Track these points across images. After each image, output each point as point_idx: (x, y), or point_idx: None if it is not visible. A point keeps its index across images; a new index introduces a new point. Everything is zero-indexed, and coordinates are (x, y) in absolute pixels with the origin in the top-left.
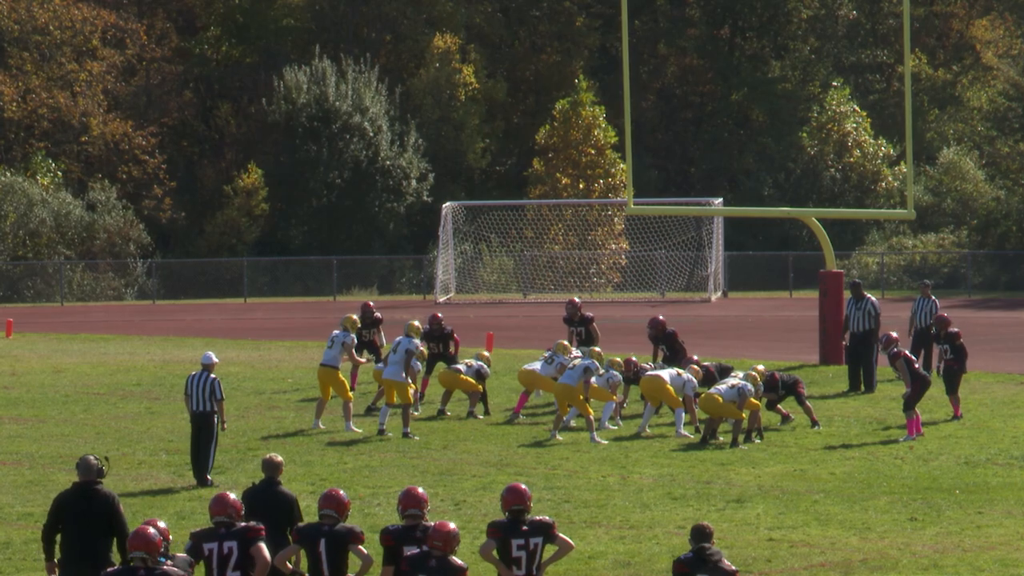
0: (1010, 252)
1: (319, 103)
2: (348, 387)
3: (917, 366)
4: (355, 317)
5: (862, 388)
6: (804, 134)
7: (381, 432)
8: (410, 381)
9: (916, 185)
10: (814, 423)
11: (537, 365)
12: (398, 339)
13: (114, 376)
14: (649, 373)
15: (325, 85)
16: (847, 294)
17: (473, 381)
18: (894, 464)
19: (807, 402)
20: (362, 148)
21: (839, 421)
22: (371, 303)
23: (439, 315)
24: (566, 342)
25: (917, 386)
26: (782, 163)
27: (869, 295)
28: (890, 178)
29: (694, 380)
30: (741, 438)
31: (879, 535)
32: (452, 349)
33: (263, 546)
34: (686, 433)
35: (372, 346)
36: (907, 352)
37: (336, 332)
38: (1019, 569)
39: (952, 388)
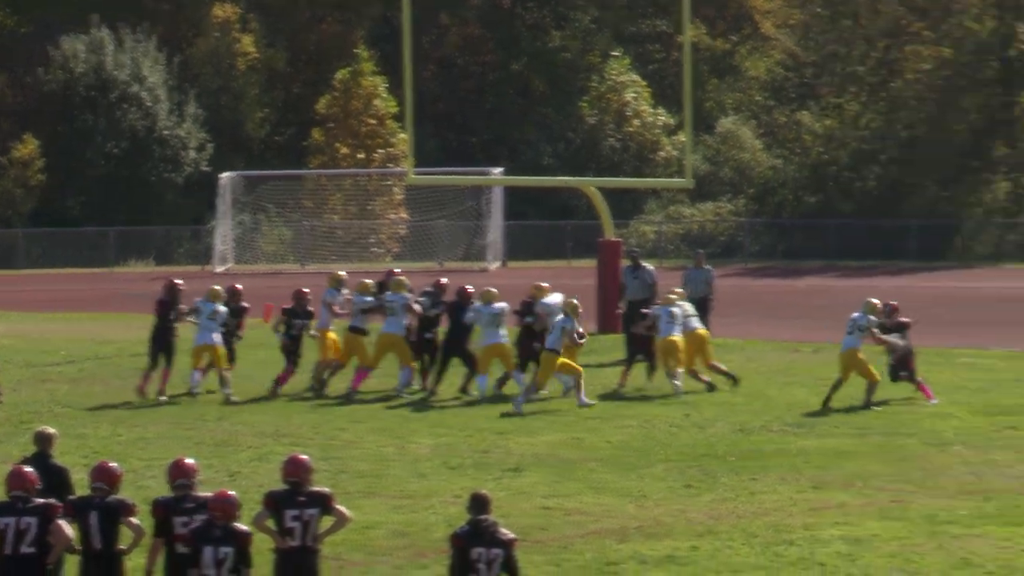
0: (786, 220)
1: (96, 72)
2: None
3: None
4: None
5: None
6: (584, 104)
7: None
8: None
9: (694, 154)
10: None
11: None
12: (206, 303)
13: None
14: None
15: (103, 54)
16: (626, 262)
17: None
18: (670, 432)
19: None
20: (140, 118)
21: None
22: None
23: (238, 286)
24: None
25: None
26: (562, 133)
27: (646, 264)
28: (669, 147)
29: None
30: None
31: (655, 502)
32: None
33: (63, 523)
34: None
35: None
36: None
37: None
38: (792, 534)
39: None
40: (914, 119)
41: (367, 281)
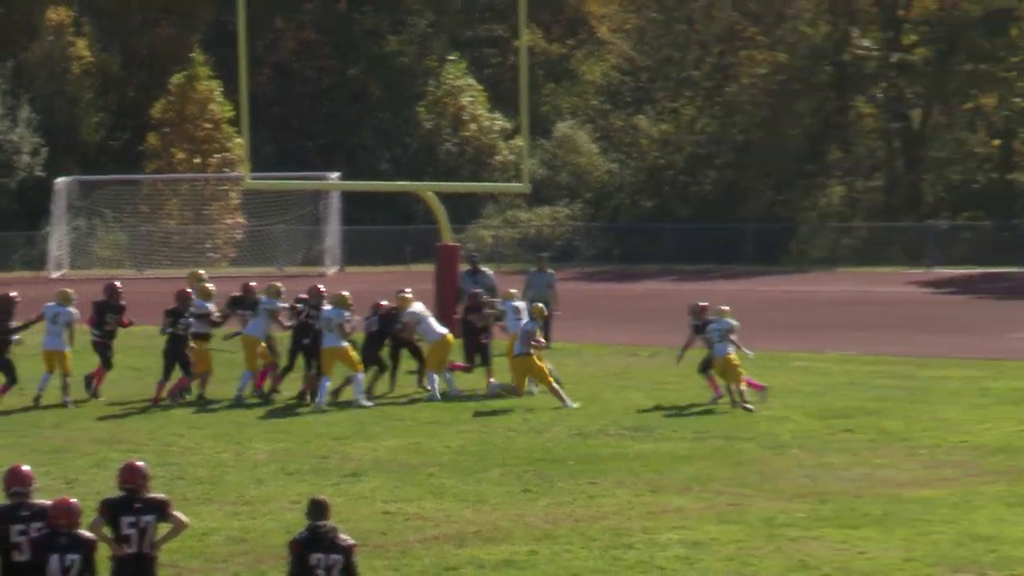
0: (623, 225)
1: None
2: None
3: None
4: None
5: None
6: (421, 108)
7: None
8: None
9: (531, 159)
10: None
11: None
12: (54, 308)
13: None
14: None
15: None
16: (465, 267)
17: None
18: (507, 436)
19: None
20: None
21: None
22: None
23: (116, 283)
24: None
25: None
26: (399, 137)
27: (485, 268)
28: (506, 151)
29: None
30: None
31: (492, 507)
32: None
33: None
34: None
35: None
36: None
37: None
38: (630, 537)
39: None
40: (749, 123)
41: (209, 286)
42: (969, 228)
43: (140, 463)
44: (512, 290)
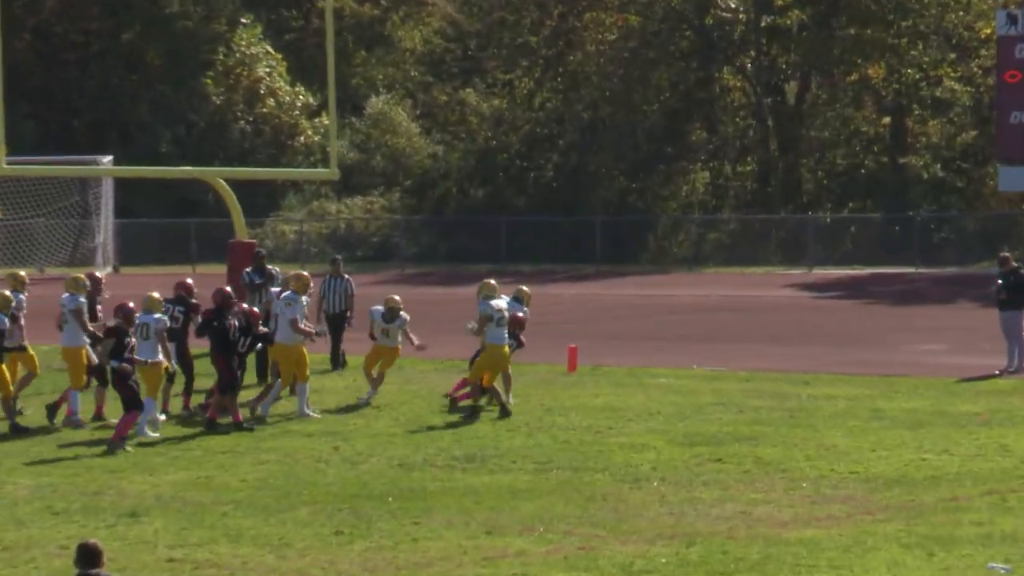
0: (450, 218)
1: None
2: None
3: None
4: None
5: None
6: (209, 80)
7: None
8: None
9: (340, 140)
10: None
11: None
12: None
13: None
14: None
15: None
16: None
17: None
18: (316, 468)
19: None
20: None
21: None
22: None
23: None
24: None
25: None
26: (183, 114)
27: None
28: (310, 131)
29: None
30: None
31: (299, 552)
32: None
33: None
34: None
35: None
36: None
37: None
38: None
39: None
40: (597, 98)
41: (6, 293)
42: (856, 221)
43: None
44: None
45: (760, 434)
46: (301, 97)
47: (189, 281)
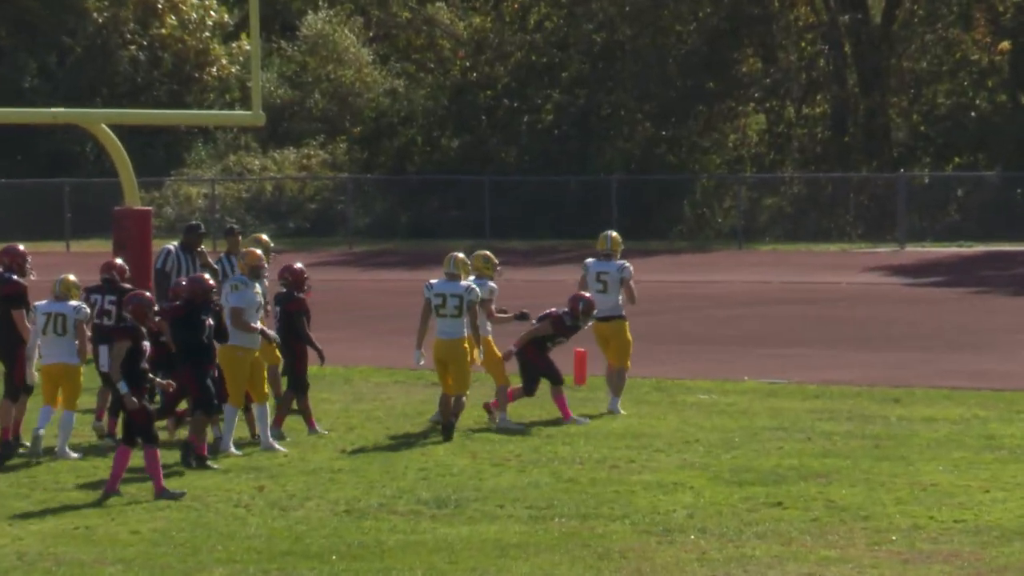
0: (413, 177)
1: None
2: None
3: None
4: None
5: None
6: None
7: None
8: None
9: (266, 71)
10: None
11: None
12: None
13: None
14: None
15: None
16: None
17: None
18: (234, 515)
19: None
20: None
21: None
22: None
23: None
24: None
25: None
26: (55, 38)
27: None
28: (225, 60)
29: None
30: None
31: None
32: None
33: None
34: None
35: None
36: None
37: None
38: None
39: None
40: (613, 14)
41: None
42: (964, 181)
43: None
44: None
45: (834, 469)
46: (213, 13)
47: (119, 261)
